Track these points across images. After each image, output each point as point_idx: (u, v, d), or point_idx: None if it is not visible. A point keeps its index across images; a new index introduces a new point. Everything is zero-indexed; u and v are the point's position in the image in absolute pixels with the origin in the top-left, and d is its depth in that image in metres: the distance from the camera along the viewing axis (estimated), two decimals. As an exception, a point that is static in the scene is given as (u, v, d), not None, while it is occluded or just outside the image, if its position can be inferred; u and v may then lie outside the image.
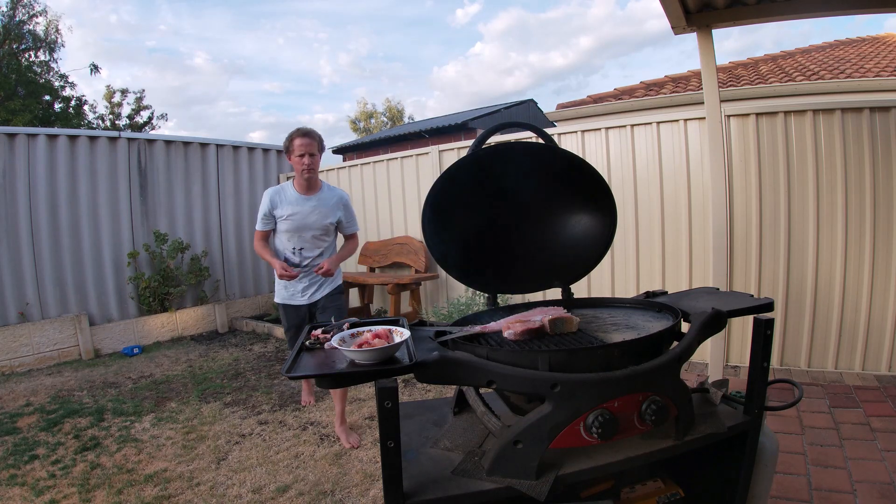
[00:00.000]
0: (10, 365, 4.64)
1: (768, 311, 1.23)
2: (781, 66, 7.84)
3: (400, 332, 1.09)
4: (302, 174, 2.76)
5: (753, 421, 1.18)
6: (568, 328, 1.20)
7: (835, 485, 2.11)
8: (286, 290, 2.92)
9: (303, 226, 2.82)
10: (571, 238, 1.54)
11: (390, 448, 0.93)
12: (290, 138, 2.77)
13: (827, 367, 3.46)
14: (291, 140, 2.76)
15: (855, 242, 3.35)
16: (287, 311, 2.95)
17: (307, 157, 2.73)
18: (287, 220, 2.81)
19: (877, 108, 3.26)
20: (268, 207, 2.83)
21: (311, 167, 2.75)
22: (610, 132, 4.10)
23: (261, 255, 2.88)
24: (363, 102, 34.46)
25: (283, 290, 2.92)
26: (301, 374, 0.98)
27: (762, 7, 2.94)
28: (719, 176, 3.19)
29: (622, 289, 4.09)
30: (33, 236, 4.92)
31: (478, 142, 1.42)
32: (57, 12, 20.51)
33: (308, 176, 2.78)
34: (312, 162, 2.75)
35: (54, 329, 4.91)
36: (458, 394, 1.33)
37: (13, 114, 13.17)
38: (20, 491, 2.42)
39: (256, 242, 2.90)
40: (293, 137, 2.76)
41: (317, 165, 2.81)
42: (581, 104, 7.93)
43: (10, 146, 4.80)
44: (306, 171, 2.75)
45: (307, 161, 2.73)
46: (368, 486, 2.34)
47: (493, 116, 11.97)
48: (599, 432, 0.96)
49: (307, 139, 2.74)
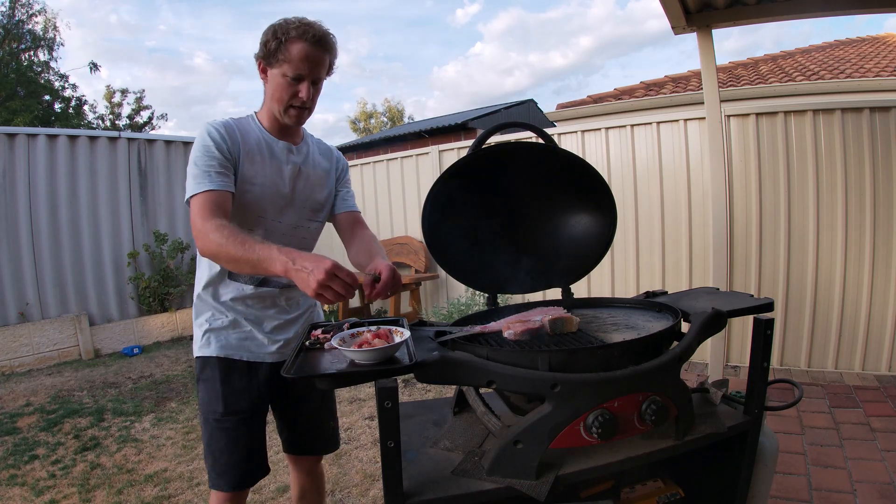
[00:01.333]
0: (10, 365, 4.64)
1: (768, 311, 1.23)
2: (781, 66, 7.84)
3: (400, 332, 1.09)
4: (287, 111, 1.36)
5: (753, 421, 1.18)
6: (568, 328, 1.20)
7: (835, 485, 2.11)
8: (234, 331, 1.43)
9: (280, 198, 1.42)
10: (571, 238, 1.54)
11: (390, 448, 0.93)
12: (286, 34, 1.29)
13: (827, 367, 3.46)
14: (289, 39, 1.29)
15: (855, 242, 3.35)
16: (230, 373, 1.41)
17: (307, 85, 1.33)
18: (253, 185, 1.36)
19: (877, 108, 3.26)
20: (220, 145, 1.32)
21: (310, 103, 1.38)
22: (610, 132, 4.11)
23: (225, 251, 1.18)
24: (363, 102, 34.51)
25: (229, 329, 1.43)
26: (301, 374, 0.98)
27: (762, 7, 2.95)
28: (719, 176, 3.19)
29: (622, 289, 4.09)
30: (33, 236, 4.92)
31: (478, 142, 1.42)
32: (55, 10, 20.53)
33: (300, 116, 1.39)
34: (315, 93, 1.38)
35: (54, 329, 4.90)
36: (458, 394, 1.33)
37: (13, 114, 13.18)
38: (20, 491, 2.42)
39: (203, 219, 1.23)
40: (293, 38, 1.29)
41: (316, 101, 1.41)
42: (581, 104, 7.92)
43: (10, 146, 4.80)
44: (300, 109, 1.37)
45: (305, 93, 1.33)
46: (368, 486, 2.34)
47: (493, 116, 11.96)
48: (599, 432, 0.96)
49: (319, 50, 1.31)
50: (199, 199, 1.25)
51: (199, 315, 1.45)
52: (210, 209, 1.23)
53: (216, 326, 1.41)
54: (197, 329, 1.45)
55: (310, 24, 1.32)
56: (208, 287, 1.43)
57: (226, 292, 1.42)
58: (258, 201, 1.37)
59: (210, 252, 1.22)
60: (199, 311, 1.45)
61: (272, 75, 1.34)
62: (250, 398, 1.42)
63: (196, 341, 1.45)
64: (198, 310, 1.45)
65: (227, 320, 1.42)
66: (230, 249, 1.17)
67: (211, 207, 1.24)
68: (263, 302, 1.45)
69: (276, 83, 1.33)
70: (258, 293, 1.43)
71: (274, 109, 1.37)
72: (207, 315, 1.43)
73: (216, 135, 1.31)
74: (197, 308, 1.46)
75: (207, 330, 1.42)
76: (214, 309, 1.43)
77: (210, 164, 1.29)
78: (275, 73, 1.33)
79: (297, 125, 1.42)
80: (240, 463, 1.39)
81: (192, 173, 1.29)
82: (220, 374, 1.39)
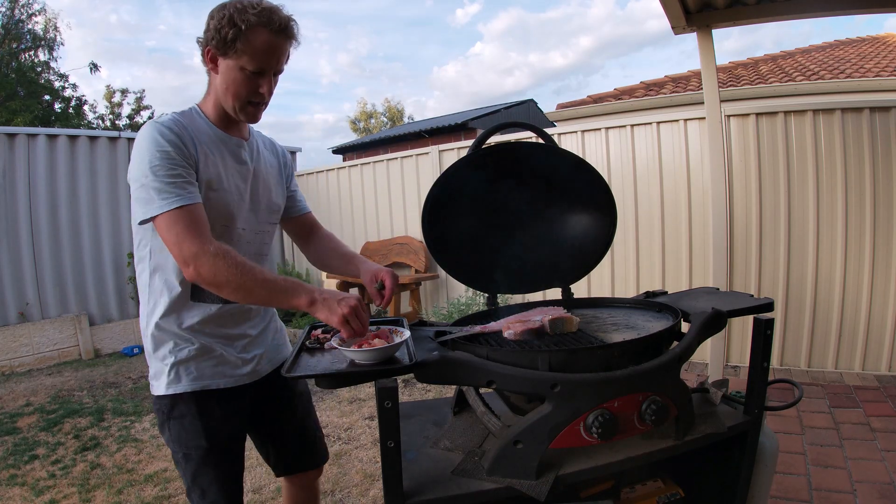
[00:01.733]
0: (10, 365, 4.64)
1: (768, 311, 1.23)
2: (781, 66, 7.84)
3: (400, 333, 1.09)
4: (245, 108, 1.20)
5: (753, 421, 1.18)
6: (568, 328, 1.20)
7: (835, 485, 2.11)
8: (205, 358, 1.25)
9: (243, 203, 1.27)
10: (571, 238, 1.54)
11: (390, 448, 0.93)
12: (246, 21, 1.10)
13: (827, 367, 3.46)
14: (250, 27, 1.11)
15: (855, 242, 3.35)
16: (208, 403, 1.25)
17: (269, 80, 1.19)
18: (215, 190, 1.20)
19: (877, 108, 3.27)
20: (181, 148, 1.13)
21: (269, 97, 1.22)
22: (610, 132, 4.11)
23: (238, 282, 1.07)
24: (363, 102, 34.51)
25: (198, 357, 1.24)
26: (301, 374, 0.98)
27: (762, 7, 2.95)
28: (719, 176, 3.19)
29: (622, 289, 4.09)
30: (33, 236, 4.92)
31: (478, 142, 1.42)
32: (55, 10, 20.53)
33: (257, 113, 1.23)
34: (274, 85, 1.23)
35: (54, 329, 4.91)
36: (458, 394, 1.33)
37: (13, 114, 13.18)
38: (20, 491, 2.42)
39: (195, 242, 1.07)
40: (254, 25, 1.11)
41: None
42: (581, 104, 7.92)
43: (10, 146, 4.80)
44: (257, 105, 1.21)
45: (267, 88, 1.19)
46: (368, 486, 2.34)
47: (493, 116, 11.97)
48: (599, 432, 0.96)
49: (283, 40, 1.16)
50: (176, 216, 1.06)
51: (159, 347, 1.23)
52: (197, 229, 1.07)
53: (184, 357, 1.22)
54: (158, 363, 1.24)
55: (272, 10, 1.13)
56: (169, 314, 1.22)
57: (190, 316, 1.23)
58: (223, 208, 1.21)
59: (213, 281, 1.07)
60: (157, 343, 1.24)
61: (227, 67, 1.15)
62: (232, 424, 1.29)
63: (158, 377, 1.24)
64: (156, 341, 1.23)
65: (194, 348, 1.23)
66: (245, 281, 1.06)
67: (197, 226, 1.07)
68: (234, 318, 1.29)
69: (233, 77, 1.15)
70: (228, 310, 1.26)
71: (227, 105, 1.19)
72: (169, 346, 1.23)
73: (172, 136, 1.11)
74: (155, 339, 1.23)
75: (174, 363, 1.22)
76: (177, 338, 1.23)
77: (175, 173, 1.09)
78: (230, 65, 1.14)
79: (253, 122, 1.26)
80: (233, 492, 1.30)
81: (153, 186, 1.07)
82: (196, 407, 1.23)
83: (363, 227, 5.74)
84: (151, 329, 1.24)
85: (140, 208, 1.10)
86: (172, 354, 1.23)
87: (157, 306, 1.23)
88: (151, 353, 1.26)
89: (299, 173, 6.49)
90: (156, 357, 1.25)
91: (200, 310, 1.24)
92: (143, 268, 1.25)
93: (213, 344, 1.26)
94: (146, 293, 1.24)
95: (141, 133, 1.13)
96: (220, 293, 1.10)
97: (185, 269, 1.07)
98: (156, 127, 1.13)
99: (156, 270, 1.22)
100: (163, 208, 1.07)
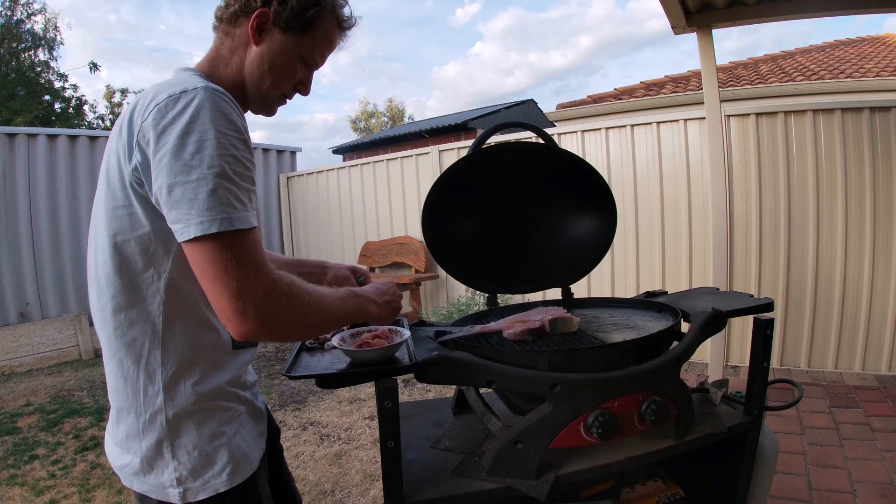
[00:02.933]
0: (10, 365, 4.64)
1: (768, 311, 1.23)
2: (781, 66, 7.84)
3: (400, 332, 1.09)
4: (280, 99, 0.97)
5: (753, 421, 1.18)
6: (568, 328, 1.19)
7: (835, 485, 2.11)
8: (249, 423, 0.93)
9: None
10: (571, 238, 1.54)
11: (390, 448, 0.93)
12: (332, 3, 0.93)
13: (827, 367, 3.46)
14: (333, 11, 0.93)
15: (855, 242, 3.35)
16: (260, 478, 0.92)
17: (312, 75, 0.99)
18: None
19: (877, 108, 3.27)
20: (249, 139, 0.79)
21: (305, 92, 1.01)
22: (610, 132, 4.11)
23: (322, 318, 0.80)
24: (364, 102, 34.50)
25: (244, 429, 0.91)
26: (301, 374, 0.98)
27: (762, 7, 2.95)
28: (719, 176, 3.19)
29: (622, 289, 4.09)
30: (33, 236, 4.92)
31: (478, 142, 1.42)
32: (55, 10, 20.54)
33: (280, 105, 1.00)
34: None
35: (54, 329, 4.90)
36: (458, 394, 1.33)
37: (14, 114, 13.17)
38: (20, 491, 2.42)
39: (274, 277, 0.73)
40: (333, 12, 0.93)
41: None
42: (581, 104, 7.92)
43: (10, 146, 4.80)
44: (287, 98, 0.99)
45: (309, 82, 1.00)
46: (368, 486, 2.34)
47: (493, 116, 11.97)
48: (599, 432, 0.96)
49: (341, 38, 0.99)
50: (245, 240, 0.72)
51: (203, 425, 0.84)
52: (266, 261, 0.74)
53: (238, 428, 0.88)
54: (191, 454, 0.83)
55: (348, 2, 0.96)
56: (212, 373, 0.86)
57: (232, 367, 0.90)
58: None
59: (302, 328, 0.78)
60: (200, 421, 0.84)
61: (282, 44, 0.89)
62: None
63: (201, 472, 0.83)
64: (194, 420, 0.83)
65: (244, 410, 0.92)
66: (326, 310, 0.80)
67: (264, 258, 0.74)
68: (248, 357, 0.98)
69: (286, 59, 0.90)
70: (249, 352, 0.97)
71: (258, 88, 0.91)
72: (217, 420, 0.85)
73: (244, 123, 0.79)
74: (187, 420, 0.83)
75: (230, 438, 0.86)
76: (218, 410, 0.86)
77: (250, 178, 0.76)
78: (287, 45, 0.90)
79: (270, 116, 1.00)
80: None
81: (225, 187, 0.71)
82: (260, 490, 0.91)
83: (363, 227, 5.74)
84: (180, 407, 0.83)
85: (188, 213, 0.70)
86: (227, 428, 0.86)
87: (189, 369, 0.84)
88: (174, 443, 0.83)
89: (299, 173, 6.49)
90: (188, 445, 0.83)
91: (247, 355, 0.96)
92: (139, 315, 0.81)
93: (249, 397, 0.95)
94: (152, 354, 0.82)
95: (197, 103, 0.73)
96: (299, 338, 0.85)
97: (236, 320, 0.70)
98: (220, 97, 0.75)
99: (175, 317, 0.82)
100: (234, 224, 0.70)
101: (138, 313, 0.81)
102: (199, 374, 0.84)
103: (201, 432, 0.84)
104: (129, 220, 0.79)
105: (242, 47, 0.90)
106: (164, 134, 0.72)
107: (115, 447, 0.88)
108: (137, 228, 0.79)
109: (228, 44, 0.91)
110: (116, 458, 0.88)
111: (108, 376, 0.87)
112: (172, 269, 0.80)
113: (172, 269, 0.80)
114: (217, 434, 0.85)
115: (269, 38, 0.89)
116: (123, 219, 0.79)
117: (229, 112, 0.75)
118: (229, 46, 0.91)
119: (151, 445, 0.82)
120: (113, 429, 0.89)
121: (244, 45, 0.90)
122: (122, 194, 0.79)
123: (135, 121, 0.76)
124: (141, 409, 0.82)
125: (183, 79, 0.80)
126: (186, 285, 0.81)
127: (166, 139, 0.71)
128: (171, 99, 0.74)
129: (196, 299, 0.83)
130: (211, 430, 0.85)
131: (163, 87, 0.77)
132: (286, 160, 6.85)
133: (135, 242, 0.79)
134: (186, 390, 0.83)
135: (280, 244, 6.49)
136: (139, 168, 0.76)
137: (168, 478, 0.82)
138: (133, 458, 0.84)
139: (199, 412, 0.84)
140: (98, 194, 0.85)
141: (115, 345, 0.82)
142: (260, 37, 0.89)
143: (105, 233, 0.81)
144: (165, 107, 0.73)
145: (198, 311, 0.84)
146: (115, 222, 0.80)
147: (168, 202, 0.72)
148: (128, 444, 0.84)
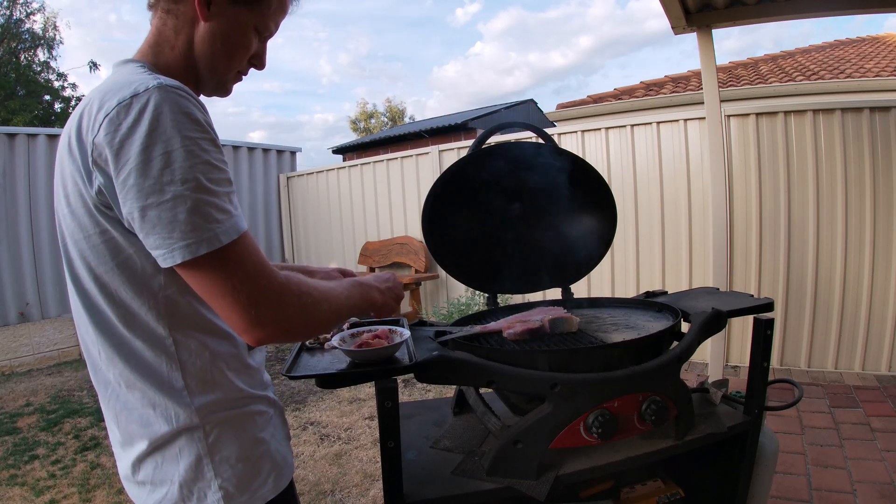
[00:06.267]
0: (10, 365, 4.64)
1: (768, 311, 1.23)
2: (781, 66, 7.84)
3: (400, 333, 1.09)
4: (236, 77, 0.88)
5: (753, 421, 1.18)
6: (568, 328, 1.19)
7: (835, 485, 2.11)
8: (283, 429, 0.90)
9: None
10: (572, 238, 1.54)
11: (390, 448, 0.93)
12: None
13: (827, 367, 3.46)
14: None
15: (855, 242, 3.35)
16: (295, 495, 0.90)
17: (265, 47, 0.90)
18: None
19: (877, 108, 3.27)
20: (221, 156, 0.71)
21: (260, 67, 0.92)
22: (610, 132, 4.11)
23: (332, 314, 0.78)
24: (363, 102, 34.47)
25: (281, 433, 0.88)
26: (301, 374, 0.98)
27: (762, 7, 2.95)
28: (719, 176, 3.19)
29: (622, 289, 4.09)
30: (33, 236, 4.92)
31: (478, 142, 1.42)
32: (54, 9, 20.53)
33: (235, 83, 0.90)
34: None
35: (54, 329, 4.90)
36: (458, 394, 1.33)
37: (13, 113, 13.17)
38: (20, 491, 2.42)
39: (279, 280, 0.70)
40: None
41: None
42: (581, 104, 7.92)
43: (10, 146, 4.80)
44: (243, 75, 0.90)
45: (264, 55, 0.90)
46: (368, 486, 2.34)
47: (493, 116, 11.97)
48: (599, 432, 0.96)
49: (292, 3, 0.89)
50: (244, 246, 0.68)
51: (242, 436, 0.80)
52: (268, 263, 0.72)
53: (269, 438, 0.84)
54: (242, 470, 0.78)
55: None
56: (232, 388, 0.80)
57: (250, 375, 0.84)
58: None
59: (316, 326, 0.76)
60: (232, 435, 0.79)
61: (235, 18, 0.80)
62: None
63: (245, 488, 0.78)
64: (224, 439, 0.78)
65: (274, 413, 0.87)
66: (335, 303, 0.78)
67: (265, 259, 0.72)
68: (263, 356, 0.94)
69: (240, 31, 0.82)
70: (262, 350, 0.92)
71: (211, 68, 0.83)
72: (252, 434, 0.81)
73: (207, 117, 0.72)
74: (221, 438, 0.78)
75: (268, 442, 0.83)
76: (253, 415, 0.82)
77: (227, 179, 0.71)
78: (241, 18, 0.81)
79: (225, 96, 0.91)
80: None
81: (206, 200, 0.65)
82: (291, 498, 0.88)
83: (363, 227, 5.74)
84: (216, 421, 0.78)
85: (169, 238, 0.64)
86: (265, 433, 0.83)
87: (214, 381, 0.78)
88: (215, 459, 0.77)
89: (299, 173, 6.49)
90: (231, 459, 0.78)
91: (261, 354, 0.91)
92: (146, 344, 0.75)
93: (273, 396, 0.90)
94: (173, 377, 0.76)
95: (153, 107, 0.65)
96: (309, 336, 0.80)
97: (252, 330, 0.68)
98: (177, 94, 0.68)
99: (184, 334, 0.77)
100: (223, 239, 0.66)
101: (144, 342, 0.75)
102: (225, 383, 0.79)
103: (242, 442, 0.79)
104: (105, 248, 0.72)
105: (189, 25, 0.80)
106: (124, 150, 0.64)
107: (140, 489, 0.79)
108: (118, 254, 0.72)
109: (172, 23, 0.80)
110: (146, 498, 0.78)
111: (126, 413, 0.78)
112: (166, 286, 0.74)
113: (166, 286, 0.74)
114: (258, 441, 0.81)
115: (218, 12, 0.79)
116: (99, 247, 0.72)
117: (191, 110, 0.67)
118: (173, 26, 0.80)
119: (190, 465, 0.76)
120: (132, 470, 0.79)
121: (191, 23, 0.80)
122: (90, 221, 0.71)
123: (84, 137, 0.68)
124: (175, 433, 0.76)
125: (128, 77, 0.70)
126: (184, 299, 0.75)
127: (127, 156, 0.64)
128: (122, 107, 0.65)
129: (199, 310, 0.77)
130: (251, 438, 0.80)
131: (109, 91, 0.69)
132: (286, 160, 6.85)
133: (119, 271, 0.72)
134: (217, 403, 0.78)
135: (280, 244, 6.49)
136: (104, 190, 0.68)
137: (213, 498, 0.76)
138: (169, 487, 0.76)
139: (235, 422, 0.79)
140: (63, 224, 0.77)
141: (132, 378, 0.76)
142: (209, 11, 0.79)
143: (84, 272, 0.75)
144: (117, 116, 0.65)
145: (205, 322, 0.78)
146: (92, 253, 0.73)
147: (143, 227, 0.65)
148: (161, 475, 0.77)
